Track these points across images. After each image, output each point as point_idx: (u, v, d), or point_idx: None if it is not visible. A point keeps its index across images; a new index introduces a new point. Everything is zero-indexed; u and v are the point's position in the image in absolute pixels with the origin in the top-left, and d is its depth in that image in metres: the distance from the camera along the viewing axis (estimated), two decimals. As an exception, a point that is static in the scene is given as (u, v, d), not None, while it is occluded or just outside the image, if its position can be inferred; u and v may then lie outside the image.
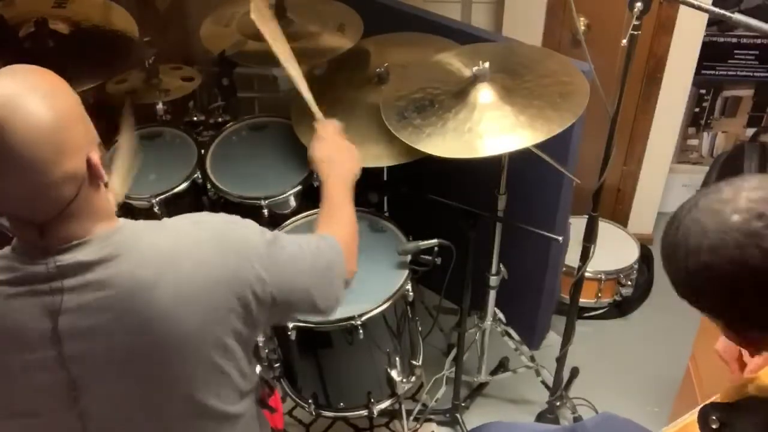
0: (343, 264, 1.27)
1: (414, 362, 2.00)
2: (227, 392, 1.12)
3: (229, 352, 1.08)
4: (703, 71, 2.79)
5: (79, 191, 0.97)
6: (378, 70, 1.95)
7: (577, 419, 2.28)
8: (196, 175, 2.10)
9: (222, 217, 1.14)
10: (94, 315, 0.99)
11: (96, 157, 0.99)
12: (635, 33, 1.56)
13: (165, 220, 1.11)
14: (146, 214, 2.00)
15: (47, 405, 1.03)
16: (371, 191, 2.12)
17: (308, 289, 1.19)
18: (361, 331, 1.75)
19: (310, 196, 2.06)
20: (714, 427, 0.88)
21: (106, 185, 1.04)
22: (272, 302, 1.11)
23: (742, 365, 1.19)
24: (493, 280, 2.10)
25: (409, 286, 1.85)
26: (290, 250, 1.17)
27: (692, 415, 0.92)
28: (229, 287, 1.05)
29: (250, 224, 1.15)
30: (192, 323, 1.02)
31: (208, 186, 2.08)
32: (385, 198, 2.23)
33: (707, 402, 0.92)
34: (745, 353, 1.18)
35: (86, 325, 0.99)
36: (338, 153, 1.53)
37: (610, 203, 2.95)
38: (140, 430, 1.09)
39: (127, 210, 2.04)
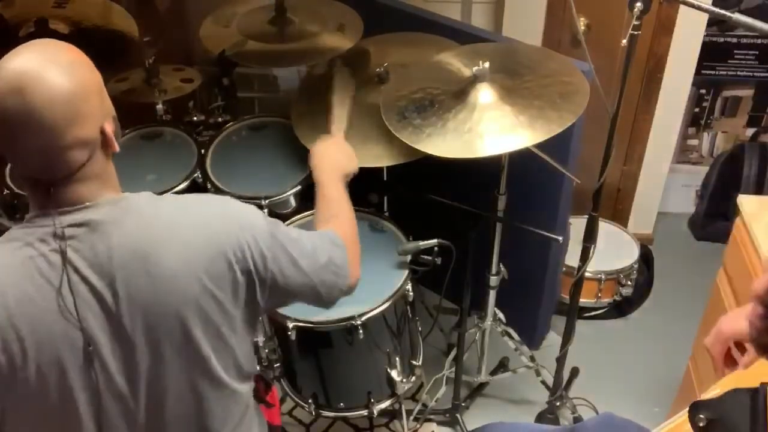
0: (346, 258, 1.29)
1: (414, 362, 2.00)
2: (228, 362, 1.17)
3: (230, 319, 1.13)
4: (703, 71, 2.79)
5: (91, 157, 1.05)
6: (378, 70, 1.95)
7: (577, 419, 2.28)
8: (196, 175, 2.10)
9: (227, 197, 1.22)
10: (101, 272, 1.04)
11: (109, 127, 1.07)
12: (635, 33, 1.56)
13: (170, 194, 1.16)
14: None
15: (67, 364, 1.06)
16: (371, 191, 2.12)
17: (309, 274, 1.21)
18: (361, 331, 1.75)
19: (310, 196, 2.06)
20: (701, 425, 0.89)
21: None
22: (272, 281, 1.16)
23: (729, 362, 1.19)
24: (493, 280, 2.10)
25: (409, 286, 1.85)
26: (292, 235, 1.22)
27: (684, 414, 0.93)
28: (232, 254, 1.10)
29: (252, 207, 1.21)
30: (194, 284, 1.07)
31: (208, 186, 2.08)
32: (385, 198, 2.23)
33: (695, 400, 0.93)
34: (735, 351, 1.18)
35: (94, 282, 1.04)
36: (336, 150, 1.61)
37: (610, 203, 2.95)
38: (146, 398, 1.12)
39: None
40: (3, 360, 1.02)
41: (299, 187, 2.04)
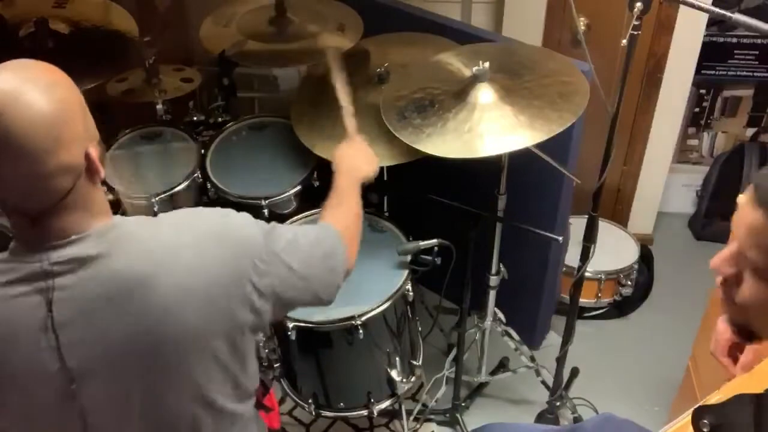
0: (343, 251, 1.27)
1: (414, 362, 2.00)
2: (227, 389, 1.13)
3: (231, 346, 1.09)
4: (703, 71, 2.79)
5: (75, 184, 0.98)
6: (378, 70, 1.95)
7: (577, 419, 2.28)
8: (196, 175, 2.10)
9: (218, 210, 1.15)
10: (90, 310, 0.99)
11: (94, 152, 1.00)
12: (635, 33, 1.56)
13: (161, 215, 1.11)
14: (146, 213, 1.99)
15: (48, 401, 1.03)
16: (371, 191, 2.11)
17: (308, 277, 1.19)
18: (361, 331, 1.75)
19: (310, 196, 2.07)
20: (705, 430, 0.88)
21: (103, 182, 1.04)
22: (273, 294, 1.12)
23: (735, 362, 1.18)
24: (493, 280, 2.10)
25: (409, 286, 1.85)
26: (288, 239, 1.18)
27: (687, 416, 0.92)
28: (229, 280, 1.06)
29: (246, 217, 1.15)
30: (191, 317, 1.02)
31: (208, 186, 2.08)
32: (385, 198, 2.23)
33: (699, 404, 0.92)
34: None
35: (82, 320, 0.99)
36: (355, 152, 1.59)
37: (610, 203, 2.95)
38: (139, 426, 1.09)
39: (126, 211, 2.04)
40: None
41: (299, 187, 2.05)
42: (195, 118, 2.42)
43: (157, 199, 2.01)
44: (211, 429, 1.14)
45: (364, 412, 1.95)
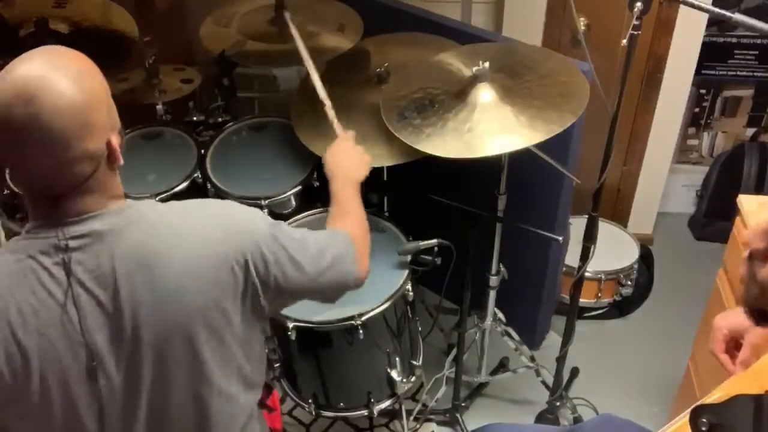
0: (354, 255, 1.29)
1: (414, 362, 2.00)
2: (232, 372, 1.16)
3: (235, 327, 1.12)
4: (703, 71, 2.79)
5: (96, 170, 1.02)
6: (378, 70, 1.95)
7: (577, 419, 2.28)
8: (196, 175, 2.10)
9: (226, 201, 1.20)
10: (105, 284, 1.03)
11: (115, 140, 1.05)
12: (635, 33, 1.56)
13: (171, 202, 1.15)
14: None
15: (70, 379, 1.05)
16: (371, 191, 2.12)
17: (313, 274, 1.20)
18: (361, 331, 1.75)
19: (310, 196, 2.07)
20: (704, 429, 0.88)
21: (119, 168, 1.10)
22: (275, 284, 1.15)
23: (734, 360, 1.18)
24: (493, 280, 2.10)
25: (409, 286, 1.85)
26: (294, 236, 1.20)
27: (685, 416, 0.92)
28: (234, 261, 1.09)
29: (254, 209, 1.19)
30: (199, 295, 1.06)
31: (208, 186, 2.08)
32: (385, 198, 2.23)
33: (698, 403, 0.92)
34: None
35: (98, 294, 1.03)
36: (347, 155, 1.60)
37: (610, 203, 2.95)
38: (145, 414, 1.11)
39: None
40: (6, 372, 1.01)
41: (299, 187, 2.04)
42: (195, 118, 2.42)
43: (157, 199, 2.01)
44: (216, 415, 1.16)
45: (364, 412, 1.95)
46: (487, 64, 1.68)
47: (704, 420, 0.88)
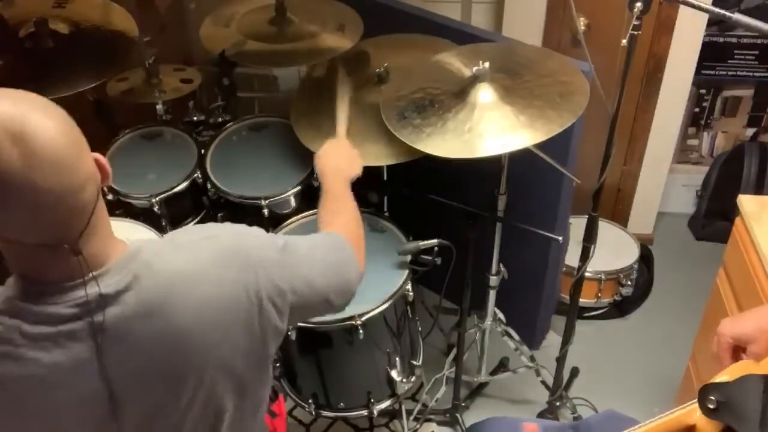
0: (354, 258, 1.28)
1: (414, 362, 2.00)
2: (246, 406, 1.14)
3: (252, 362, 1.10)
4: (703, 71, 2.79)
5: (97, 196, 0.95)
6: (378, 70, 1.95)
7: (577, 419, 2.28)
8: (196, 175, 2.10)
9: (232, 229, 1.13)
10: (124, 340, 0.97)
11: (97, 155, 0.97)
12: (635, 33, 1.56)
13: (175, 236, 1.09)
14: (146, 213, 2.00)
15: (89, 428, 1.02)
16: (371, 191, 2.12)
17: (323, 288, 1.19)
18: (361, 331, 1.75)
19: (310, 196, 2.06)
20: (711, 407, 0.88)
21: (103, 194, 1.02)
22: (291, 310, 1.13)
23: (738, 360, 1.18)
24: (493, 280, 2.10)
25: (409, 286, 1.85)
26: (302, 253, 1.18)
27: (690, 405, 0.92)
28: (249, 302, 1.06)
29: (260, 233, 1.15)
30: (214, 339, 1.02)
31: (208, 186, 2.08)
32: (385, 198, 2.23)
33: (708, 382, 0.92)
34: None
35: (122, 348, 0.97)
36: (338, 153, 1.59)
37: (610, 203, 2.95)
38: None
39: (126, 211, 2.04)
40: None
41: (299, 187, 2.04)
42: (195, 118, 2.42)
43: (157, 199, 2.01)
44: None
45: (364, 412, 1.95)
46: (487, 64, 1.68)
47: (712, 398, 0.88)
